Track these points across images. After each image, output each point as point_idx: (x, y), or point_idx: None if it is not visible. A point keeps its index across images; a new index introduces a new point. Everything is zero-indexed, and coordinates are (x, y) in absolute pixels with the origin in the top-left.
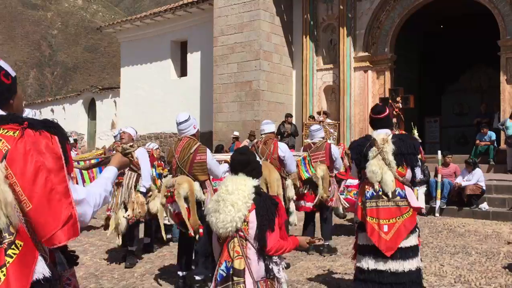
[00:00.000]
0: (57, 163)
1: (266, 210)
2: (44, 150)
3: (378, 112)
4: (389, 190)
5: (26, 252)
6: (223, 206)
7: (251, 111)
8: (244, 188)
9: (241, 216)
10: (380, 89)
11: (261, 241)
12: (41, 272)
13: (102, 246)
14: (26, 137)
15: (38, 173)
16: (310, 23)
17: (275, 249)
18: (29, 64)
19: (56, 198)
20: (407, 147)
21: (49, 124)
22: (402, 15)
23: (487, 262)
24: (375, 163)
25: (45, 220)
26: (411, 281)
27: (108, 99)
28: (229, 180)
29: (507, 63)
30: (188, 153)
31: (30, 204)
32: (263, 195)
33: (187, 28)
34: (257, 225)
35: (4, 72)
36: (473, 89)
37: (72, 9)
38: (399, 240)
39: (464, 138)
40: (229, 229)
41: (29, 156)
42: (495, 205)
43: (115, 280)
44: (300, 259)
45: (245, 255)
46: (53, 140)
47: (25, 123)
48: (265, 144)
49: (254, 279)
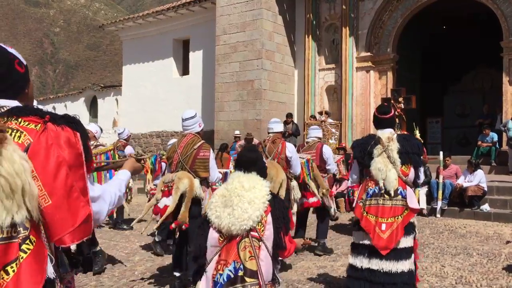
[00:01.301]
0: (78, 160)
1: (282, 212)
2: (65, 146)
3: (384, 113)
4: (391, 188)
5: (38, 248)
6: (237, 202)
7: (252, 110)
8: (260, 187)
9: (258, 216)
10: (382, 89)
11: (280, 243)
12: (49, 272)
13: (103, 244)
14: (48, 130)
15: (60, 169)
16: (313, 23)
17: (291, 253)
18: (31, 62)
19: (74, 196)
20: (412, 147)
21: (71, 120)
22: (404, 15)
23: (488, 264)
24: (380, 160)
25: (62, 217)
26: (403, 282)
27: (110, 97)
28: (243, 177)
29: (510, 64)
30: (191, 148)
31: (49, 199)
32: (277, 197)
33: (189, 27)
34: (273, 227)
35: (18, 60)
36: (476, 90)
37: (74, 7)
38: (396, 239)
39: (466, 139)
40: (244, 227)
41: (51, 150)
42: (497, 206)
43: (116, 278)
44: (300, 259)
45: (257, 256)
46: (76, 136)
47: (47, 117)
48: (273, 143)
49: (264, 281)
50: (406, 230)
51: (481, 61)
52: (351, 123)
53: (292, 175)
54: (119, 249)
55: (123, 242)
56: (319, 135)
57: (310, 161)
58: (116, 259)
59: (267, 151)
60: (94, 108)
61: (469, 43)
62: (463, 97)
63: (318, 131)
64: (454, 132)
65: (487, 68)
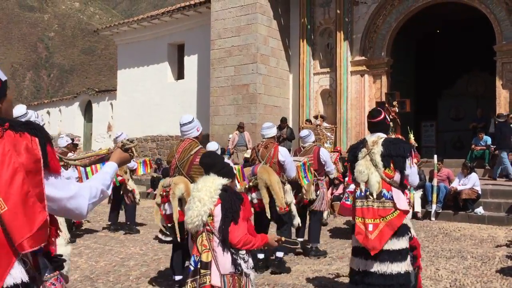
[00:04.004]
0: (35, 166)
1: (231, 203)
2: (23, 152)
3: (373, 116)
4: (374, 190)
5: (1, 255)
6: (192, 203)
7: (247, 114)
8: (211, 185)
9: (206, 210)
10: (377, 93)
11: (224, 233)
12: (19, 277)
13: (97, 249)
14: (6, 138)
15: (15, 175)
16: (307, 27)
17: (243, 242)
18: (25, 66)
19: (31, 202)
20: (396, 150)
21: (30, 126)
22: (398, 19)
23: (483, 267)
24: (362, 163)
25: (20, 224)
26: (399, 284)
27: (105, 101)
28: (200, 180)
29: (503, 68)
30: (188, 154)
31: (5, 205)
32: (230, 191)
33: (184, 31)
34: (221, 218)
35: None
36: (469, 93)
37: (69, 12)
38: (383, 240)
39: (460, 142)
40: (196, 223)
41: (7, 157)
42: (491, 209)
43: (110, 283)
44: (296, 263)
45: (211, 248)
46: (33, 142)
47: (6, 125)
48: (266, 148)
49: (221, 272)
50: (399, 232)
51: (475, 65)
52: (346, 127)
53: (285, 179)
54: (114, 254)
55: (117, 247)
56: (313, 139)
57: (307, 164)
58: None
59: (260, 156)
60: (88, 112)
61: (463, 47)
62: (457, 101)
63: (311, 135)
64: (448, 136)
65: (480, 72)
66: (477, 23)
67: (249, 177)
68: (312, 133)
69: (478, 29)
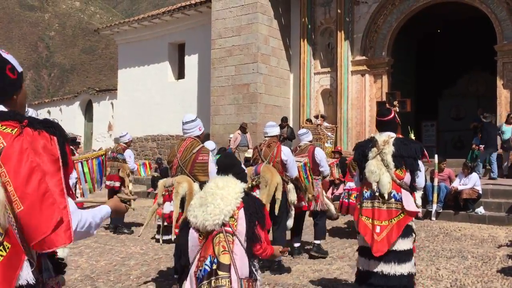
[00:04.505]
0: (54, 165)
1: (256, 208)
2: (41, 151)
3: (383, 115)
4: (385, 191)
5: (13, 255)
6: (211, 200)
7: (248, 114)
8: (234, 186)
9: (230, 210)
10: (377, 93)
11: (254, 236)
12: (25, 278)
13: (98, 248)
14: (24, 135)
15: (32, 174)
16: (308, 27)
17: (263, 249)
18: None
19: (49, 202)
20: (407, 151)
21: (49, 124)
22: (399, 19)
23: (483, 266)
24: (373, 163)
25: (36, 223)
26: (402, 285)
27: (105, 101)
28: (218, 178)
29: (504, 68)
30: (190, 152)
31: (21, 205)
32: (251, 195)
33: (185, 31)
34: (246, 221)
35: (10, 66)
36: (470, 93)
37: (69, 11)
38: (390, 242)
39: (460, 142)
40: (217, 222)
41: (24, 155)
42: (491, 209)
43: (111, 282)
44: (296, 263)
45: (231, 251)
46: (52, 141)
47: (25, 121)
48: (269, 147)
49: (239, 275)
50: (404, 233)
51: (476, 64)
52: (347, 127)
53: (288, 178)
54: (115, 253)
55: (118, 246)
56: (310, 138)
57: (308, 165)
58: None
59: (263, 155)
60: (89, 112)
61: (464, 46)
62: (458, 101)
63: (308, 134)
64: (449, 135)
65: (481, 71)
66: (478, 23)
67: (252, 176)
68: (309, 132)
69: (479, 29)
